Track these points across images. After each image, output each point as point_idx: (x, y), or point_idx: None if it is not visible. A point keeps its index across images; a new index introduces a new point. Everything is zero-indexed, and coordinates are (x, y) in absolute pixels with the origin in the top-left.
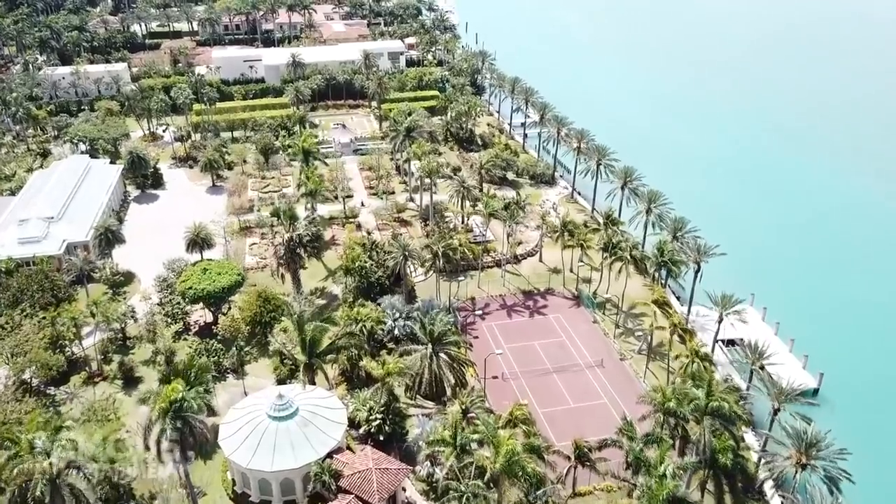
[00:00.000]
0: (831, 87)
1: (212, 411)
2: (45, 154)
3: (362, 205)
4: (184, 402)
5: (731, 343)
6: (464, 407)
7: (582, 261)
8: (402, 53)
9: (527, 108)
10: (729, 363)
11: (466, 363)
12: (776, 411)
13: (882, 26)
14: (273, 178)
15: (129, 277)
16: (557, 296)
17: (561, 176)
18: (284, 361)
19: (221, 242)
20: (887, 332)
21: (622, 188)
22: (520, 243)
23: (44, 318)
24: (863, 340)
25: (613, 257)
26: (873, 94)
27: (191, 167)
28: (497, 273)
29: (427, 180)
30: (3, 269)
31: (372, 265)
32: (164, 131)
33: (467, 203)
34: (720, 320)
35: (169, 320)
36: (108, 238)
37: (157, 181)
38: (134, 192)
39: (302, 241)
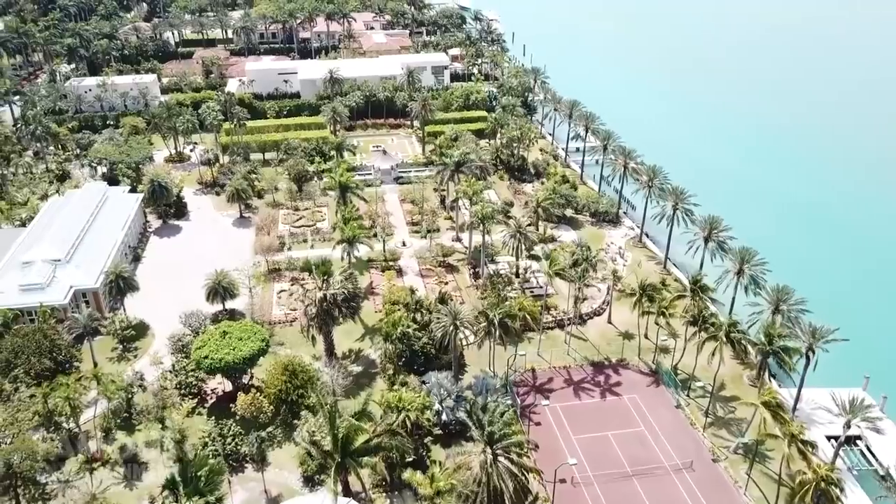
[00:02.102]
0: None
1: None
2: (62, 177)
3: (404, 244)
4: None
5: (848, 441)
6: None
7: (660, 325)
8: (446, 67)
9: (587, 135)
10: (847, 470)
11: (530, 470)
12: None
13: None
14: (307, 209)
15: (141, 330)
16: (632, 369)
17: (625, 213)
18: (312, 455)
19: (245, 292)
20: None
21: (705, 240)
22: (585, 299)
23: (33, 395)
24: None
25: (706, 336)
26: None
27: (217, 194)
28: (560, 336)
29: (479, 223)
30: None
31: (415, 329)
32: (191, 150)
33: (523, 248)
34: (847, 426)
35: (182, 391)
36: (119, 286)
37: (181, 211)
38: (155, 222)
39: (336, 301)
